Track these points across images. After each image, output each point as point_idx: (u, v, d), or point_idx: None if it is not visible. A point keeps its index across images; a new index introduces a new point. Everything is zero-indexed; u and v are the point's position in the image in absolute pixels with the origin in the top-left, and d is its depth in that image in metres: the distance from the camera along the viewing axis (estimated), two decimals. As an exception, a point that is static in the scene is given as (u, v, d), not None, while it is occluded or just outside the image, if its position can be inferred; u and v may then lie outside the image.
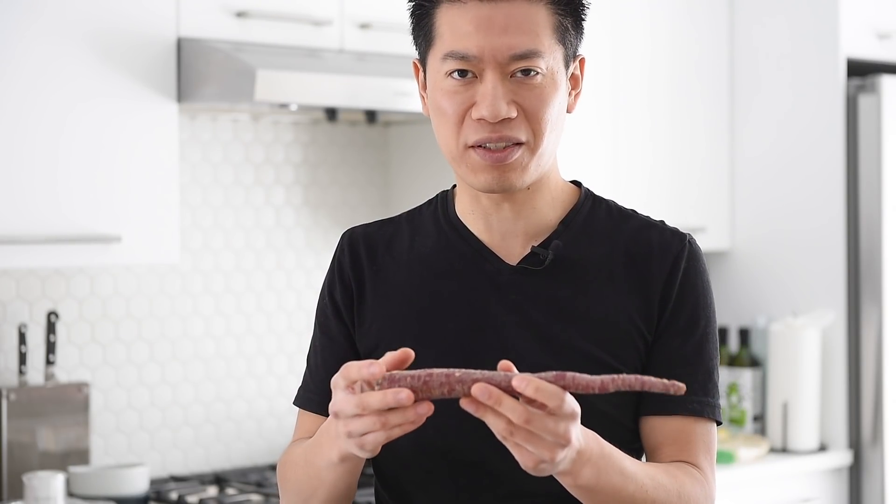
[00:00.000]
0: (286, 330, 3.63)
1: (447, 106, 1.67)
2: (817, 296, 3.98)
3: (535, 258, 1.73)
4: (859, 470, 3.98)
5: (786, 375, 3.93)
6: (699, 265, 1.75)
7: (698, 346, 1.72)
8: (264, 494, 3.15)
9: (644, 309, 1.71)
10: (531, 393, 1.41)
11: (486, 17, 1.64)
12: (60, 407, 3.12)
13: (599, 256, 1.74)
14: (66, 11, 2.89)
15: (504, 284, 1.72)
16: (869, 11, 4.02)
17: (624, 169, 3.87)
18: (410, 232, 1.80)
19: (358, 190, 3.75)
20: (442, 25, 1.68)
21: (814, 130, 3.99)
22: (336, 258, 1.81)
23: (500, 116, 1.63)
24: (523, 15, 1.64)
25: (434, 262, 1.76)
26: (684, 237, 1.76)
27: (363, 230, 1.82)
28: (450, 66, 1.66)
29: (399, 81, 3.17)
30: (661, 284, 1.72)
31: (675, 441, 1.70)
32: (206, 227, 3.48)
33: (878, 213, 3.92)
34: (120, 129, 2.97)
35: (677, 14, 3.97)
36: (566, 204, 1.77)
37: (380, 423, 1.45)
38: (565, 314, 1.70)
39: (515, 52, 1.63)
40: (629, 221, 1.78)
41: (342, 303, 1.78)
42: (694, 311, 1.73)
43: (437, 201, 1.82)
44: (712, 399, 1.72)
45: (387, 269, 1.77)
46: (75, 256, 2.92)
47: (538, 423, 1.42)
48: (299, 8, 3.19)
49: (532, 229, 1.74)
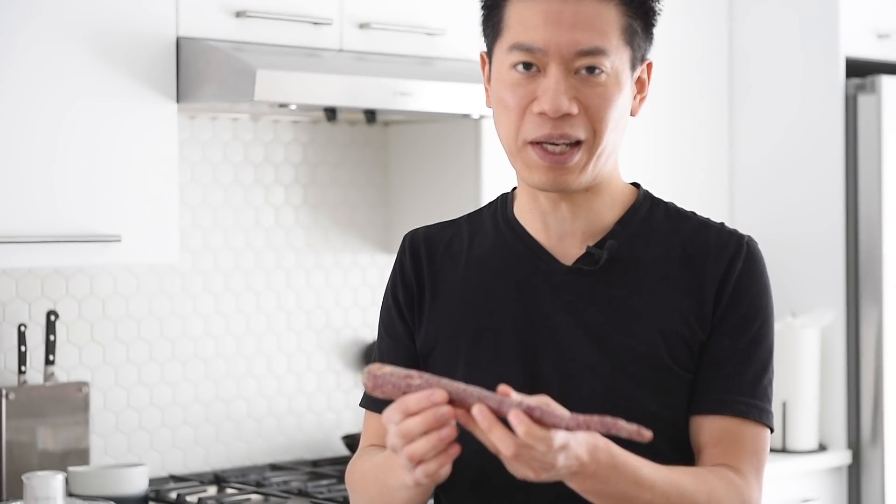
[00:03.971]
0: (286, 329, 3.62)
1: (509, 98, 1.67)
2: (817, 296, 3.98)
3: (590, 258, 1.72)
4: (859, 470, 3.98)
5: (785, 375, 3.92)
6: (757, 267, 1.75)
7: (749, 348, 1.72)
8: (264, 494, 3.15)
9: (698, 309, 1.70)
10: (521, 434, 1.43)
11: (555, 11, 1.64)
12: (60, 407, 3.12)
13: (655, 257, 1.73)
14: (66, 10, 2.89)
15: (559, 284, 1.72)
16: (869, 11, 4.01)
17: (624, 168, 3.86)
18: (470, 233, 1.80)
19: (357, 190, 3.75)
20: (511, 17, 1.67)
21: (813, 130, 3.98)
22: (398, 260, 1.82)
23: (562, 111, 1.63)
24: (593, 12, 1.64)
25: (490, 263, 1.77)
26: (742, 238, 1.76)
27: (424, 231, 1.83)
28: (515, 58, 1.66)
29: (399, 81, 3.17)
30: (716, 284, 1.71)
31: (719, 442, 1.68)
32: (206, 226, 3.48)
33: (877, 212, 3.92)
34: (119, 128, 2.96)
35: (677, 13, 3.96)
36: (624, 205, 1.78)
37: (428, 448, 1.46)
38: (620, 314, 1.69)
39: (581, 47, 1.63)
40: (687, 222, 1.78)
41: (405, 304, 1.79)
42: (748, 311, 1.72)
43: (498, 202, 1.83)
44: (761, 402, 1.71)
45: (445, 270, 1.78)
46: (75, 256, 2.92)
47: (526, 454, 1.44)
48: (299, 8, 3.19)
49: (589, 230, 1.74)
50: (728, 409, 1.69)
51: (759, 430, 1.70)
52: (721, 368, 1.70)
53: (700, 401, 1.69)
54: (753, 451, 1.69)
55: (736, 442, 1.68)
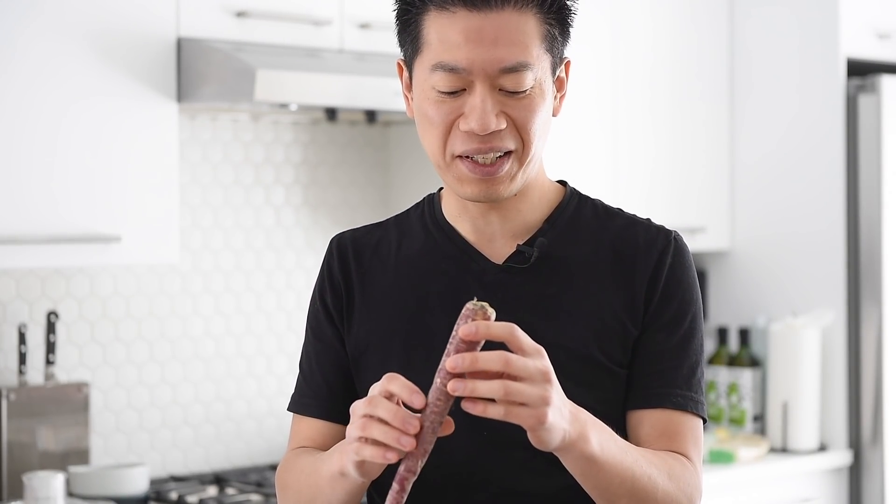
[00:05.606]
0: (286, 330, 3.63)
1: (434, 115, 1.66)
2: (817, 296, 3.98)
3: (520, 256, 1.73)
4: (859, 470, 3.98)
5: (786, 375, 3.93)
6: (685, 261, 1.76)
7: (683, 341, 1.73)
8: (264, 494, 3.15)
9: (630, 304, 1.72)
10: (504, 366, 1.42)
11: (475, 28, 1.62)
12: (60, 407, 3.12)
13: (585, 254, 1.74)
14: (66, 10, 2.89)
15: (490, 283, 1.73)
16: (869, 11, 4.02)
17: (624, 169, 3.87)
18: (398, 235, 1.81)
19: (358, 190, 3.75)
20: (430, 34, 1.66)
21: (814, 130, 3.99)
22: (325, 263, 1.82)
23: (490, 129, 1.63)
24: (513, 26, 1.63)
25: (421, 264, 1.77)
26: (670, 233, 1.77)
27: (351, 235, 1.83)
28: (438, 78, 1.64)
29: (398, 81, 3.16)
30: (646, 279, 1.73)
31: (662, 433, 1.70)
32: (206, 226, 3.48)
33: (877, 212, 3.92)
34: (120, 128, 2.97)
35: (678, 14, 3.97)
36: (552, 203, 1.78)
37: (361, 426, 1.45)
38: (551, 311, 1.70)
39: (505, 64, 1.62)
40: (615, 220, 1.78)
41: (333, 307, 1.78)
42: (680, 305, 1.73)
43: (424, 204, 1.83)
44: (696, 395, 1.73)
45: (374, 272, 1.78)
46: (75, 256, 2.92)
47: (517, 362, 1.43)
48: (299, 8, 3.19)
49: (519, 229, 1.75)
50: (668, 402, 1.71)
51: (696, 421, 1.73)
52: (657, 363, 1.72)
53: (639, 395, 1.72)
54: (694, 440, 1.72)
55: (679, 433, 1.71)
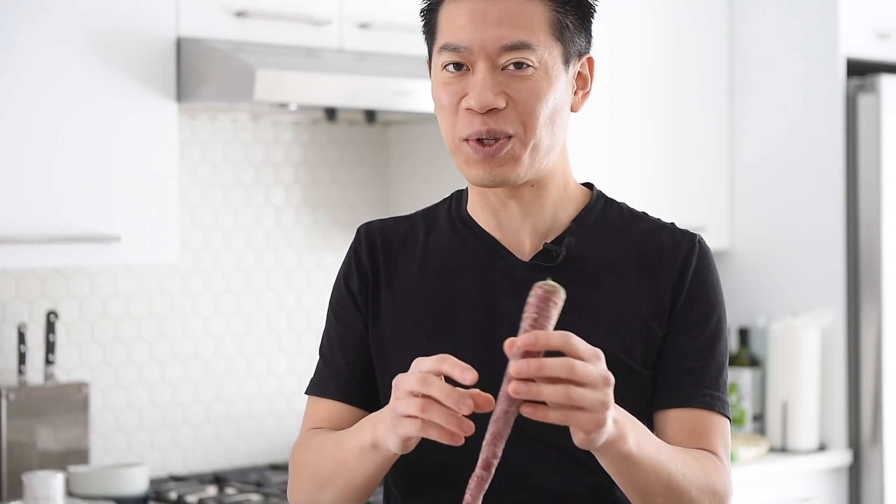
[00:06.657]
0: (286, 330, 3.63)
1: (443, 97, 1.70)
2: (817, 295, 3.98)
3: (547, 255, 1.75)
4: (859, 470, 3.98)
5: (785, 375, 3.93)
6: (709, 264, 1.79)
7: (709, 342, 1.76)
8: (264, 494, 3.15)
9: (655, 306, 1.74)
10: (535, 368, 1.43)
11: (480, 10, 1.67)
12: (60, 407, 3.12)
13: (611, 255, 1.76)
14: (66, 10, 2.89)
15: (518, 280, 1.74)
16: (869, 11, 4.02)
17: (624, 168, 3.87)
18: (426, 228, 1.83)
19: (357, 190, 3.75)
20: (442, 20, 1.71)
21: (813, 130, 3.99)
22: (353, 248, 1.83)
23: (488, 106, 1.65)
24: (517, 9, 1.67)
25: (448, 258, 1.79)
26: (694, 237, 1.80)
27: (380, 224, 1.85)
28: (444, 59, 1.69)
29: (399, 81, 3.17)
30: (671, 281, 1.75)
31: (691, 432, 1.72)
32: (206, 226, 3.48)
33: (877, 212, 3.92)
34: (119, 128, 2.96)
35: (677, 13, 3.97)
36: (578, 204, 1.80)
37: (420, 407, 1.47)
38: (577, 310, 1.70)
39: (505, 42, 1.66)
40: (640, 223, 1.81)
41: (358, 292, 1.80)
42: (705, 307, 1.76)
43: (452, 199, 1.86)
44: (723, 395, 1.76)
45: (401, 264, 1.80)
46: (74, 256, 2.92)
47: (582, 369, 1.45)
48: (299, 8, 3.19)
49: (542, 227, 1.77)
50: (696, 401, 1.73)
51: (724, 420, 1.76)
52: (684, 363, 1.74)
53: (667, 395, 1.74)
54: (723, 439, 1.75)
55: (708, 431, 1.73)
